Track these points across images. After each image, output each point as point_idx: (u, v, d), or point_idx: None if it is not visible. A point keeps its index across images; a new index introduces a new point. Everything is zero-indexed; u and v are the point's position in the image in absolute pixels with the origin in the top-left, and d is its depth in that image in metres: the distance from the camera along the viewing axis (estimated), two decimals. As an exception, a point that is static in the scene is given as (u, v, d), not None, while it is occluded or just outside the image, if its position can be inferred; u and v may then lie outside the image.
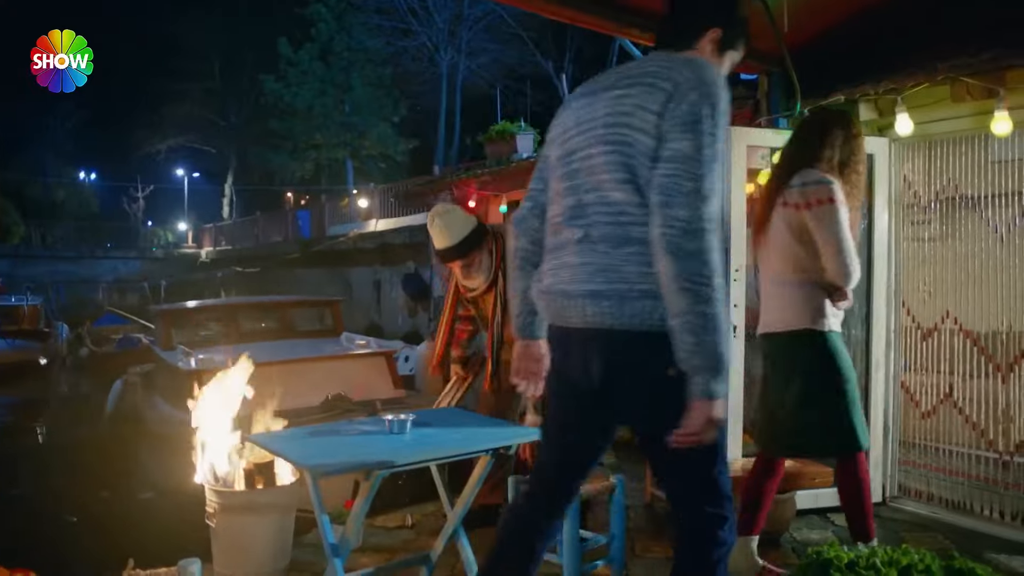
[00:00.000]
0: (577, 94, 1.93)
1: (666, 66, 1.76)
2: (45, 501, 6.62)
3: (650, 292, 1.70)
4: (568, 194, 1.86)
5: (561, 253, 1.86)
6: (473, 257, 3.05)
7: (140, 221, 37.40)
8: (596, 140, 1.80)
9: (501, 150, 6.84)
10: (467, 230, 3.02)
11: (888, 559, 1.92)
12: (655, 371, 1.72)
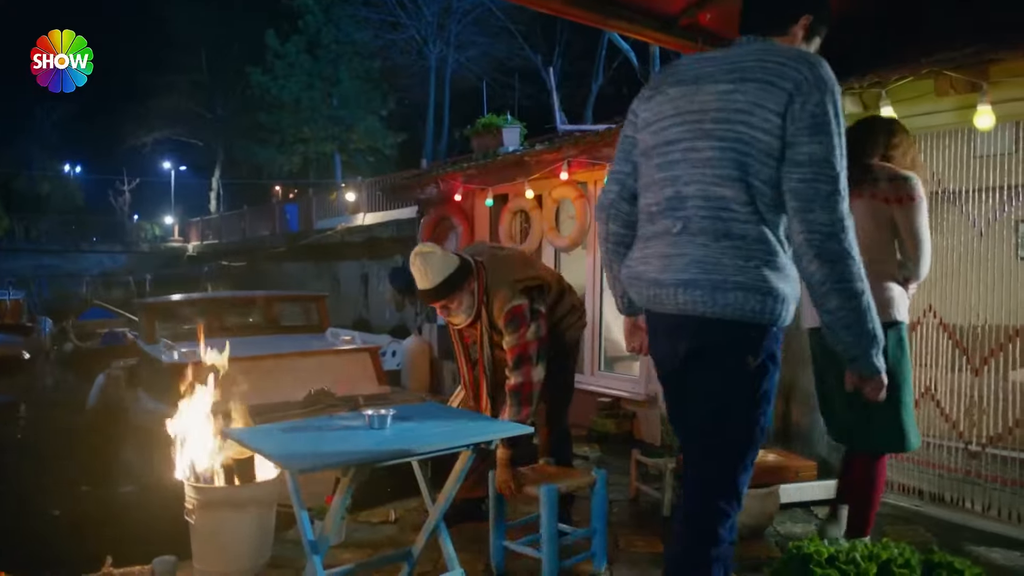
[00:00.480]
0: (670, 81, 1.92)
1: (779, 61, 1.76)
2: (27, 496, 6.55)
3: (743, 284, 1.76)
4: (665, 184, 1.89)
5: (655, 242, 1.91)
6: (454, 298, 3.09)
7: (126, 215, 37.07)
8: (703, 134, 1.81)
9: (487, 143, 6.80)
10: (448, 271, 3.03)
11: (868, 553, 1.92)
12: (737, 358, 1.81)
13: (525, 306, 3.09)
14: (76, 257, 28.70)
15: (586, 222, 5.93)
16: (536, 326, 3.09)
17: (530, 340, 3.06)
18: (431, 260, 3.03)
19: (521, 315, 3.08)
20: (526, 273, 3.21)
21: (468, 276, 3.10)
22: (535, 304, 3.12)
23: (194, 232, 32.73)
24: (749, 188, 1.76)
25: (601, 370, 6.06)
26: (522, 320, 3.08)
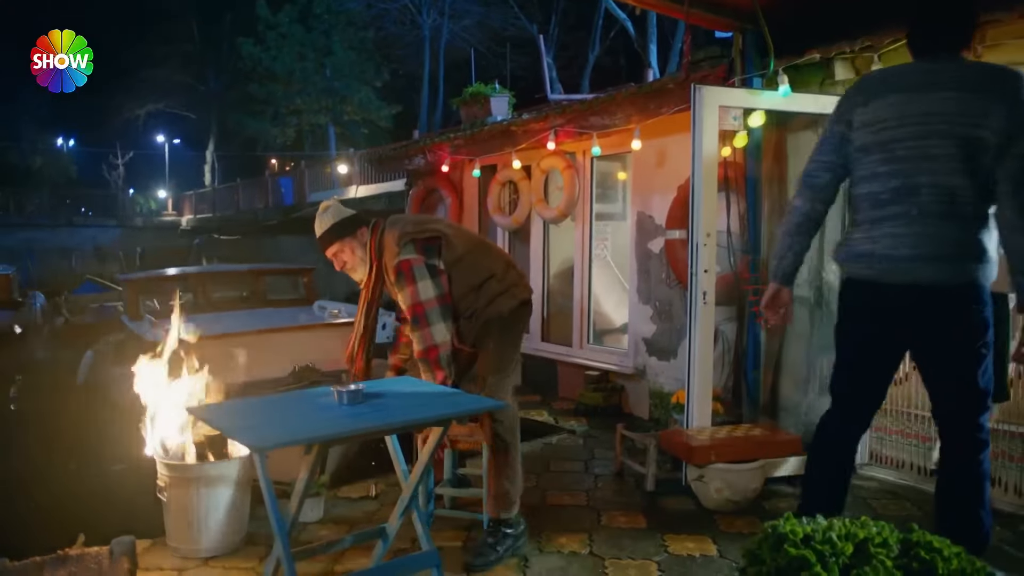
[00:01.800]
0: (883, 90, 2.33)
1: (994, 76, 2.26)
2: (14, 472, 6.51)
3: (971, 256, 2.24)
4: (894, 176, 2.28)
5: (884, 225, 2.30)
6: (344, 247, 2.97)
7: (120, 189, 36.74)
8: (932, 134, 2.23)
9: (475, 113, 6.65)
10: (336, 219, 2.97)
11: (845, 532, 1.85)
12: (970, 315, 2.27)
13: (413, 261, 2.87)
14: (69, 231, 28.48)
15: (574, 193, 5.82)
16: (428, 284, 2.86)
17: (423, 299, 2.85)
18: (326, 212, 3.01)
19: (408, 271, 2.87)
20: (419, 227, 2.98)
21: (358, 226, 2.97)
22: (430, 259, 2.90)
23: (188, 206, 32.49)
24: (973, 178, 2.20)
25: (590, 343, 5.99)
26: (409, 276, 2.87)
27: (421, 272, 2.87)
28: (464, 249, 3.00)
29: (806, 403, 4.14)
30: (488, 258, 3.08)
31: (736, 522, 3.29)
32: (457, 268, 2.96)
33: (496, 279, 3.02)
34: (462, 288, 2.97)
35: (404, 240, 2.90)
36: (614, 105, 4.66)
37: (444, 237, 2.97)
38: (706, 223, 3.59)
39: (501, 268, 3.07)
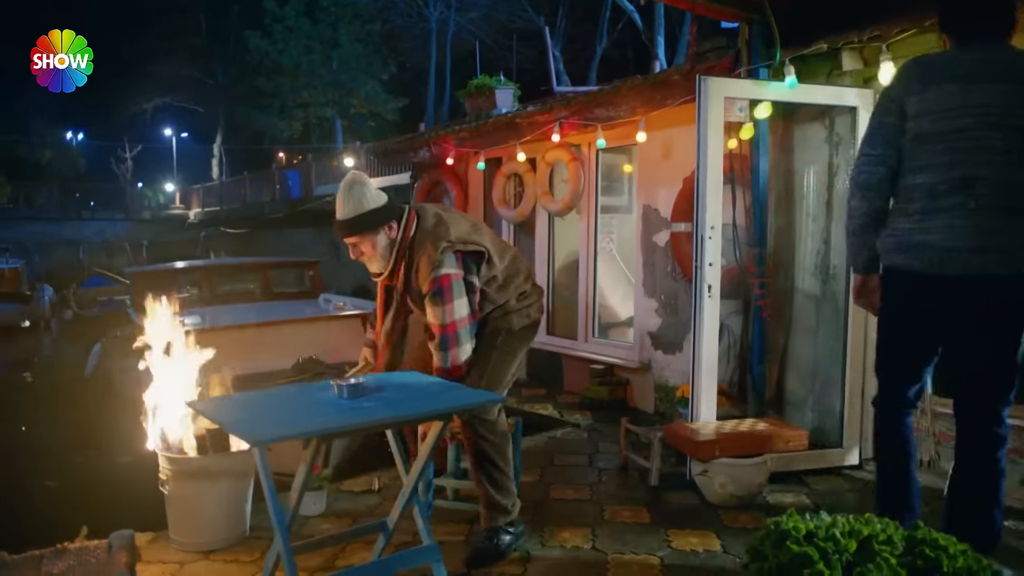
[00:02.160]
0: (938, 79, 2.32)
1: None
2: (24, 466, 6.55)
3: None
4: (952, 167, 2.29)
5: (940, 216, 2.31)
6: (367, 239, 2.67)
7: (129, 182, 36.85)
8: (996, 127, 2.25)
9: (480, 105, 6.61)
10: (368, 206, 2.62)
11: (848, 529, 1.83)
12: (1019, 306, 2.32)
13: (453, 276, 2.63)
14: (77, 225, 28.60)
15: (579, 186, 5.78)
16: (463, 302, 2.66)
17: (459, 319, 2.65)
18: (354, 190, 2.63)
19: (448, 288, 2.63)
20: (465, 237, 2.70)
21: (390, 218, 2.66)
22: (468, 276, 2.69)
23: (195, 199, 32.56)
24: None
25: (595, 337, 5.96)
26: (448, 294, 2.63)
27: (459, 290, 2.65)
28: (502, 269, 2.82)
29: (812, 397, 4.11)
30: (519, 276, 2.91)
31: (740, 517, 3.26)
32: (491, 286, 2.80)
33: (519, 297, 2.89)
34: (489, 307, 2.83)
35: (447, 250, 2.65)
36: (619, 97, 4.62)
37: (488, 253, 2.75)
38: (711, 216, 3.55)
39: (527, 286, 2.94)
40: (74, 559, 1.95)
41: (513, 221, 6.67)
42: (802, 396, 4.16)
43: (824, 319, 4.03)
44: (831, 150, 3.97)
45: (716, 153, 3.55)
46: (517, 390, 6.12)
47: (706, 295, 3.58)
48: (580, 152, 5.84)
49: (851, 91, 3.75)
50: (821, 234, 4.03)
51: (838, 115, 3.90)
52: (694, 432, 3.48)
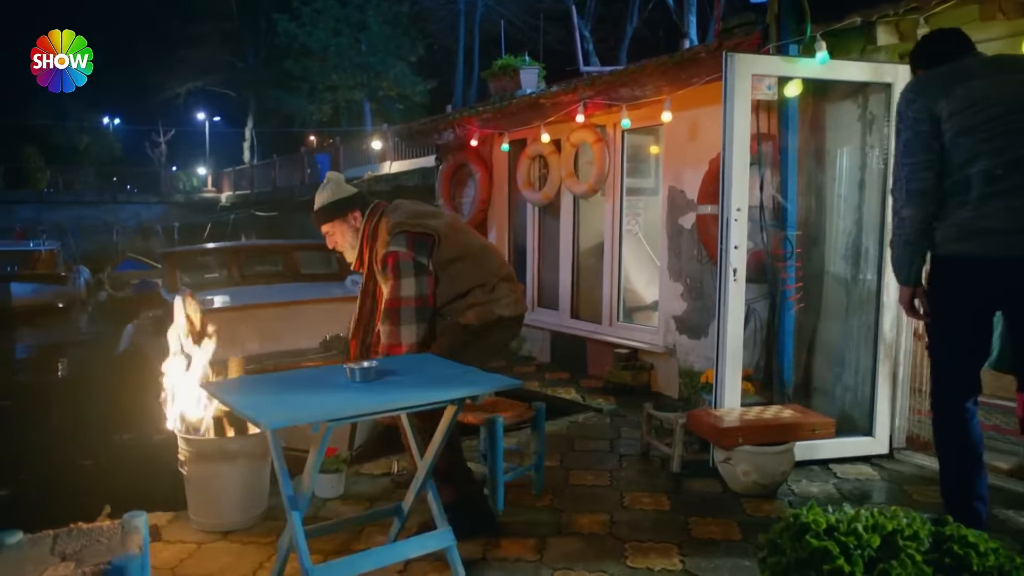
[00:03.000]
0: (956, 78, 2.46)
1: None
2: (61, 444, 6.70)
3: None
4: (1002, 151, 2.37)
5: (997, 200, 2.37)
6: (335, 227, 2.93)
7: (163, 166, 37.40)
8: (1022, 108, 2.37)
9: (505, 86, 6.52)
10: (334, 197, 2.91)
11: (872, 523, 1.75)
12: None
13: (400, 255, 2.72)
14: (113, 208, 29.15)
15: (604, 167, 5.69)
16: (411, 281, 2.72)
17: (404, 296, 2.71)
18: (327, 186, 2.95)
19: (394, 264, 2.73)
20: (416, 219, 2.82)
21: (351, 209, 2.89)
22: (419, 256, 2.75)
23: (227, 182, 32.93)
24: None
25: (620, 321, 5.88)
26: (393, 270, 2.73)
27: (407, 268, 2.74)
28: (458, 252, 2.84)
29: (841, 384, 4.00)
30: (481, 266, 2.88)
31: (763, 506, 3.19)
32: (447, 271, 2.81)
33: (484, 289, 2.85)
34: (447, 294, 2.82)
35: (397, 230, 2.78)
36: (644, 76, 4.50)
37: (438, 236, 2.81)
38: (737, 197, 3.45)
39: (493, 279, 2.88)
40: (86, 539, 1.96)
41: (538, 204, 6.60)
42: (831, 382, 4.05)
43: (855, 303, 3.91)
44: (864, 129, 3.83)
45: (743, 133, 3.43)
46: (540, 374, 6.08)
47: (731, 278, 3.48)
48: (605, 133, 5.73)
49: (886, 67, 3.60)
50: (853, 216, 3.89)
51: (872, 92, 3.75)
52: (717, 419, 3.41)
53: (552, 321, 6.51)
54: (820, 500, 3.26)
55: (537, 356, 6.68)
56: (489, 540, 2.85)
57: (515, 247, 7.16)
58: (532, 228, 6.84)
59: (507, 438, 3.92)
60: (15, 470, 6.12)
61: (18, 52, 26.86)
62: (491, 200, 7.19)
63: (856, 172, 3.86)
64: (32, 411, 8.31)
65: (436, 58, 27.79)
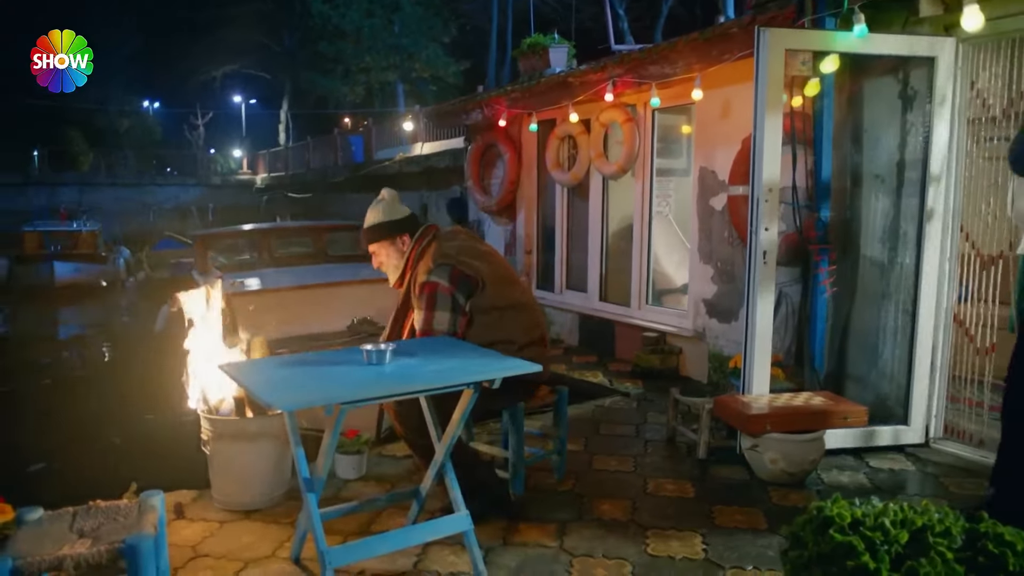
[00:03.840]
0: None
1: None
2: (95, 422, 6.86)
3: None
4: None
5: None
6: (381, 247, 2.93)
7: (201, 148, 37.94)
8: None
9: (534, 65, 6.42)
10: (385, 218, 2.91)
11: (901, 518, 1.67)
12: None
13: (440, 288, 2.72)
14: (152, 190, 29.70)
15: (634, 147, 5.57)
16: (445, 316, 2.71)
17: (436, 330, 2.71)
18: (380, 205, 2.94)
19: (432, 295, 2.72)
20: (464, 257, 2.80)
21: (400, 233, 2.90)
22: (457, 294, 2.73)
23: (261, 164, 33.29)
24: None
25: (648, 304, 5.79)
26: (430, 302, 2.72)
27: (444, 302, 2.74)
28: (498, 303, 2.83)
29: (876, 370, 3.88)
30: (514, 323, 2.86)
31: (791, 495, 3.11)
32: (481, 317, 2.80)
33: (508, 347, 2.77)
34: (475, 339, 2.77)
35: (443, 262, 2.77)
36: (675, 53, 4.38)
37: (483, 283, 2.80)
38: (768, 178, 3.34)
39: (522, 339, 2.85)
40: (104, 517, 1.98)
41: (567, 184, 6.51)
42: (865, 369, 3.92)
43: (892, 288, 3.77)
44: (905, 106, 3.67)
45: (775, 110, 3.31)
46: (568, 357, 6.03)
47: (761, 261, 3.38)
48: (635, 112, 5.61)
49: (929, 40, 3.44)
50: (891, 197, 3.75)
51: (914, 68, 3.58)
52: (745, 405, 3.32)
53: (580, 304, 6.44)
54: (851, 490, 3.18)
55: (565, 339, 6.63)
56: (509, 524, 2.82)
57: (544, 229, 7.09)
58: (561, 209, 6.76)
59: (530, 422, 3.91)
60: (52, 445, 6.30)
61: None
62: (520, 181, 7.11)
63: (895, 152, 3.71)
64: (70, 389, 8.54)
65: (469, 39, 27.61)
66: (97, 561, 1.76)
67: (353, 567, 2.47)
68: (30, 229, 16.97)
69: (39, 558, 1.73)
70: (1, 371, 9.52)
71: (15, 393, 8.55)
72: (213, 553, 2.63)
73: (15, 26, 28.53)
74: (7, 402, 8.16)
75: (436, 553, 2.60)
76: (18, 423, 7.30)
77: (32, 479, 5.54)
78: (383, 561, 2.51)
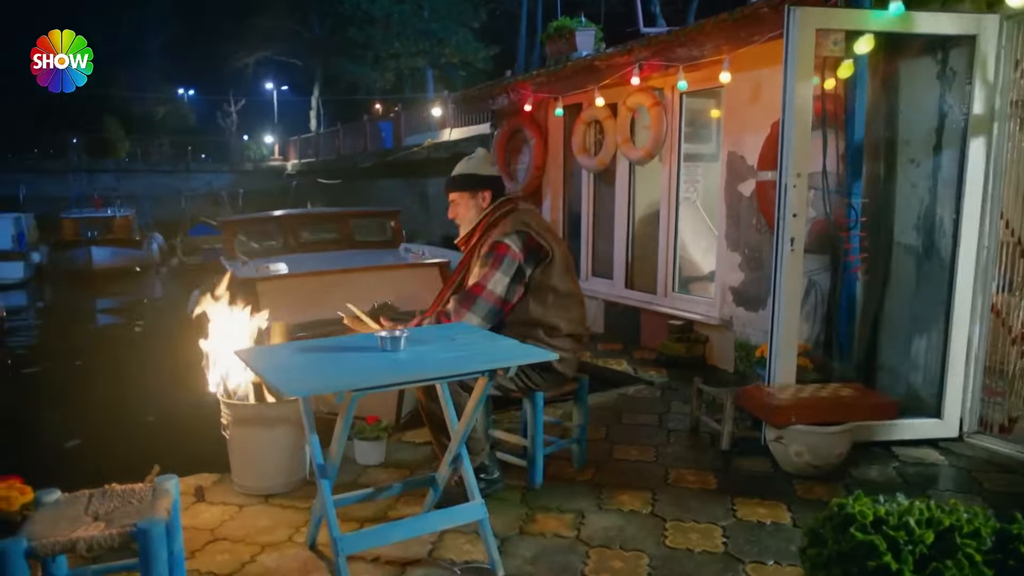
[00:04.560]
0: None
1: None
2: (128, 402, 7.01)
3: None
4: None
5: None
6: (462, 197, 2.98)
7: (234, 135, 38.39)
8: None
9: (560, 48, 6.31)
10: (472, 170, 2.98)
11: (927, 517, 1.60)
12: None
13: (511, 253, 2.76)
14: (186, 176, 30.16)
15: (661, 132, 5.46)
16: (504, 280, 2.74)
17: (490, 289, 2.75)
18: (470, 159, 3.03)
19: (501, 256, 2.74)
20: (543, 231, 2.84)
21: (483, 188, 2.95)
22: (525, 264, 2.78)
23: (292, 150, 33.58)
24: None
25: (675, 291, 5.70)
26: (496, 261, 2.74)
27: (509, 266, 2.76)
28: (556, 285, 2.86)
29: (908, 362, 3.76)
30: (561, 309, 2.89)
31: (816, 489, 3.03)
32: (535, 293, 2.83)
33: (548, 332, 2.86)
34: (521, 313, 2.83)
35: (521, 228, 2.80)
36: (702, 35, 4.26)
37: (552, 259, 2.83)
38: (797, 162, 3.24)
39: (565, 328, 2.90)
40: (119, 500, 1.98)
41: (593, 170, 6.43)
42: (896, 360, 3.81)
43: (926, 276, 3.64)
44: (943, 88, 3.52)
45: (805, 92, 3.20)
46: (592, 345, 5.97)
47: (788, 248, 3.29)
48: (663, 96, 5.50)
49: (971, 18, 3.29)
50: (927, 183, 3.61)
51: (953, 47, 3.44)
52: (769, 395, 3.25)
53: (606, 291, 6.37)
54: (880, 485, 3.09)
55: (590, 326, 6.56)
56: (526, 514, 2.80)
57: (569, 215, 7.01)
58: (587, 195, 6.67)
59: (550, 410, 3.87)
60: (87, 423, 6.45)
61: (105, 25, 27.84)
62: (546, 167, 7.04)
63: (932, 135, 3.57)
64: (106, 369, 8.73)
65: (499, 24, 27.44)
66: (109, 544, 1.76)
67: (367, 554, 2.46)
68: (68, 216, 17.39)
69: (53, 540, 1.74)
70: (39, 352, 9.79)
71: (53, 372, 8.80)
72: (231, 537, 2.64)
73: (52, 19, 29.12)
74: (46, 382, 8.40)
75: (452, 541, 2.58)
76: (57, 402, 7.51)
77: (67, 455, 5.69)
78: (398, 548, 2.50)
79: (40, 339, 11.09)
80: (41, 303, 14.72)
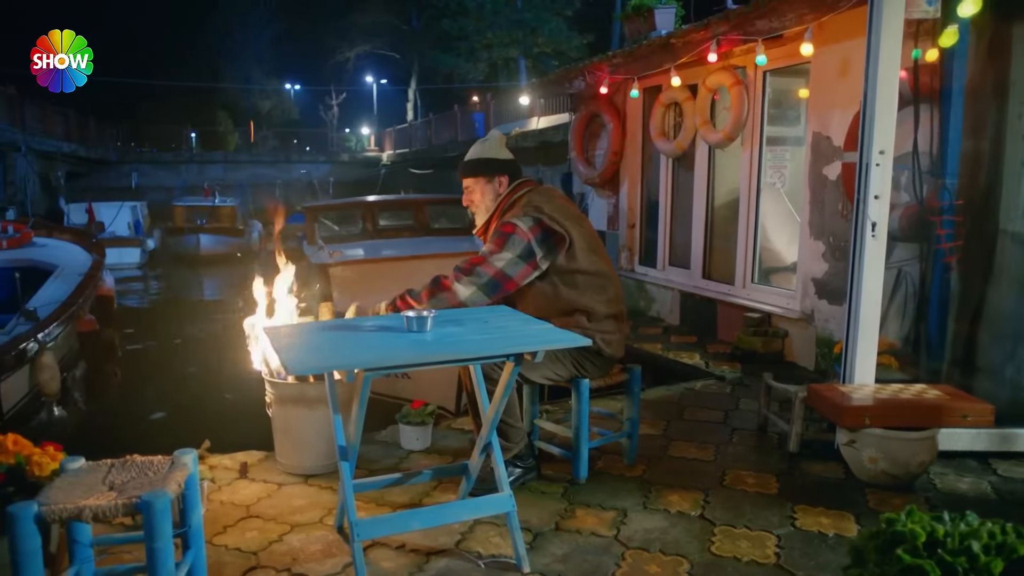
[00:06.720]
0: None
1: None
2: (212, 379, 7.30)
3: None
4: None
5: None
6: (477, 182, 2.86)
7: (334, 127, 39.68)
8: None
9: (639, 28, 6.07)
10: (486, 155, 2.86)
11: (997, 543, 1.35)
12: None
13: (519, 232, 2.64)
14: (287, 167, 31.39)
15: (742, 113, 5.14)
16: (510, 259, 2.64)
17: (492, 263, 2.65)
18: (486, 142, 2.91)
19: (507, 235, 2.65)
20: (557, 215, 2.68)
21: (499, 173, 2.83)
22: (534, 244, 2.65)
23: (388, 141, 34.36)
24: None
25: (754, 282, 5.36)
26: (503, 240, 2.65)
27: (516, 246, 2.66)
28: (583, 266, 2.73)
29: (1013, 363, 3.35)
30: (597, 291, 2.76)
31: (892, 500, 2.73)
32: (565, 278, 2.72)
33: (590, 318, 2.73)
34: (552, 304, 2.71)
35: (532, 212, 2.69)
36: (784, 4, 3.94)
37: (571, 241, 2.69)
38: (881, 138, 2.92)
39: (603, 311, 2.75)
40: (137, 471, 1.98)
41: (671, 154, 6.15)
42: (999, 361, 3.40)
43: (1036, 269, 3.23)
44: (1063, 53, 3.10)
45: (891, 60, 2.87)
46: (666, 336, 5.73)
47: (869, 234, 2.97)
48: (745, 75, 5.17)
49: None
50: (1040, 163, 3.19)
51: (1075, 6, 3.01)
52: (842, 395, 2.95)
53: (682, 281, 6.09)
54: (969, 501, 2.75)
55: (665, 318, 6.30)
56: (565, 508, 2.65)
57: (647, 202, 6.75)
58: (665, 181, 6.39)
59: (606, 402, 3.70)
60: (172, 398, 6.78)
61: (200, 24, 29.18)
62: (623, 152, 6.80)
63: (1047, 107, 3.15)
64: (201, 348, 9.18)
65: (593, 11, 26.99)
66: (114, 514, 1.75)
67: (392, 540, 2.39)
68: (179, 204, 18.47)
69: (61, 507, 1.75)
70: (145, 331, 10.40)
71: (154, 350, 9.32)
72: (264, 515, 2.63)
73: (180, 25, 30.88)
74: (146, 358, 8.90)
75: (482, 533, 2.48)
76: (152, 377, 7.93)
77: (149, 427, 5.99)
78: (426, 537, 2.41)
79: (147, 319, 11.79)
80: (153, 285, 15.70)
